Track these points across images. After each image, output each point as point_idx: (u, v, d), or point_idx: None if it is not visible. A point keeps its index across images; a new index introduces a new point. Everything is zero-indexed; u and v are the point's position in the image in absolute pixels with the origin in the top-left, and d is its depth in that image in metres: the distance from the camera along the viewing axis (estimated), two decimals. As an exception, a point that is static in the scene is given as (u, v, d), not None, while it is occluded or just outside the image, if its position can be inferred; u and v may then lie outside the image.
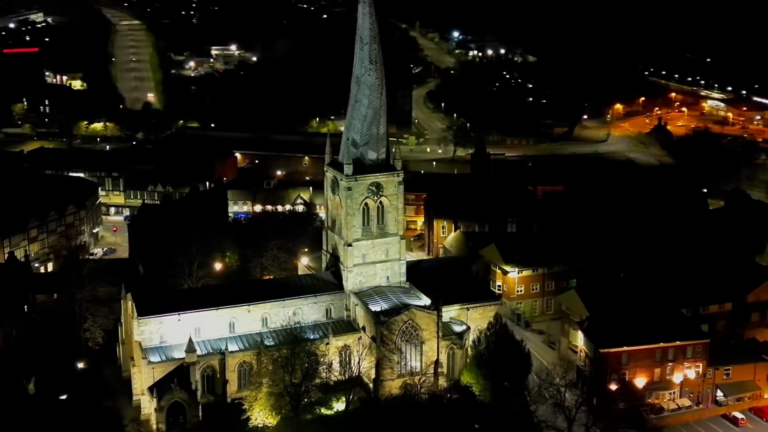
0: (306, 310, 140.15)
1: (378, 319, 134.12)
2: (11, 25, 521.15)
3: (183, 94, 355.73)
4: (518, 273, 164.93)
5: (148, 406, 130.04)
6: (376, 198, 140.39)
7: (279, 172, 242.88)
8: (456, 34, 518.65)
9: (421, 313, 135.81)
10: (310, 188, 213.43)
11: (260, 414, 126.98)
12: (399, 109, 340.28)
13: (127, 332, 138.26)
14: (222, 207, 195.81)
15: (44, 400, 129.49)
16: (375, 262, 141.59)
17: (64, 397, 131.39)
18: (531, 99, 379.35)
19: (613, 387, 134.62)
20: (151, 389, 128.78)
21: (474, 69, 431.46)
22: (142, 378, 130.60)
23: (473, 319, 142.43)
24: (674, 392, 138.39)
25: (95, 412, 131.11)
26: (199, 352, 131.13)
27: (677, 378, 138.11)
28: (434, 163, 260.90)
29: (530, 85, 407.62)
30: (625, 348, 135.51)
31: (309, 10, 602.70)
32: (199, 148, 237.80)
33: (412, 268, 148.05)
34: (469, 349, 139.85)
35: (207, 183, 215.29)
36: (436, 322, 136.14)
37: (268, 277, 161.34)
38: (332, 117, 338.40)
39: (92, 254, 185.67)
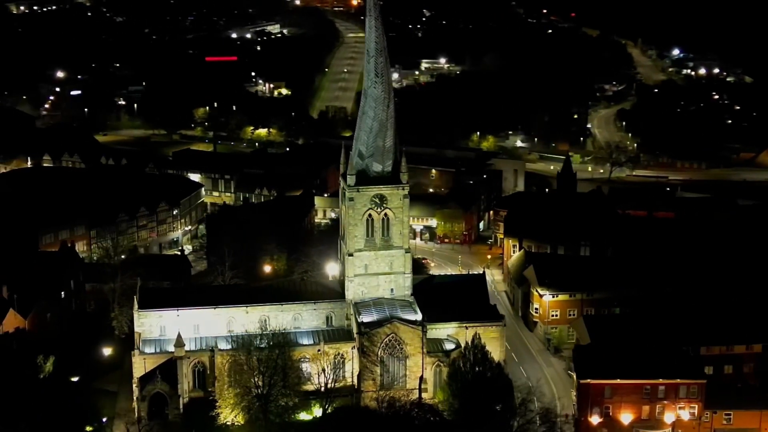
0: (306, 316, 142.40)
1: (360, 330, 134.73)
2: (248, 35, 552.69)
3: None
4: (552, 297, 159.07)
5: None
6: (380, 210, 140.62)
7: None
8: (676, 51, 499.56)
9: (405, 328, 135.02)
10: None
11: (230, 413, 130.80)
12: (572, 126, 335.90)
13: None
14: (304, 212, 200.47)
15: (56, 380, 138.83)
16: (378, 273, 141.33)
17: (75, 379, 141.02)
18: (731, 121, 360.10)
19: (594, 420, 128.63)
20: (139, 379, 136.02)
21: (676, 88, 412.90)
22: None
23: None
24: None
25: (97, 395, 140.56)
26: (192, 348, 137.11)
27: (668, 418, 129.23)
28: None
29: (737, 107, 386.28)
30: (608, 380, 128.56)
31: (536, 25, 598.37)
32: (321, 156, 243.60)
33: (424, 283, 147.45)
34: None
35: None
36: (421, 337, 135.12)
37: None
38: (509, 132, 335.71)
39: (181, 249, 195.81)
